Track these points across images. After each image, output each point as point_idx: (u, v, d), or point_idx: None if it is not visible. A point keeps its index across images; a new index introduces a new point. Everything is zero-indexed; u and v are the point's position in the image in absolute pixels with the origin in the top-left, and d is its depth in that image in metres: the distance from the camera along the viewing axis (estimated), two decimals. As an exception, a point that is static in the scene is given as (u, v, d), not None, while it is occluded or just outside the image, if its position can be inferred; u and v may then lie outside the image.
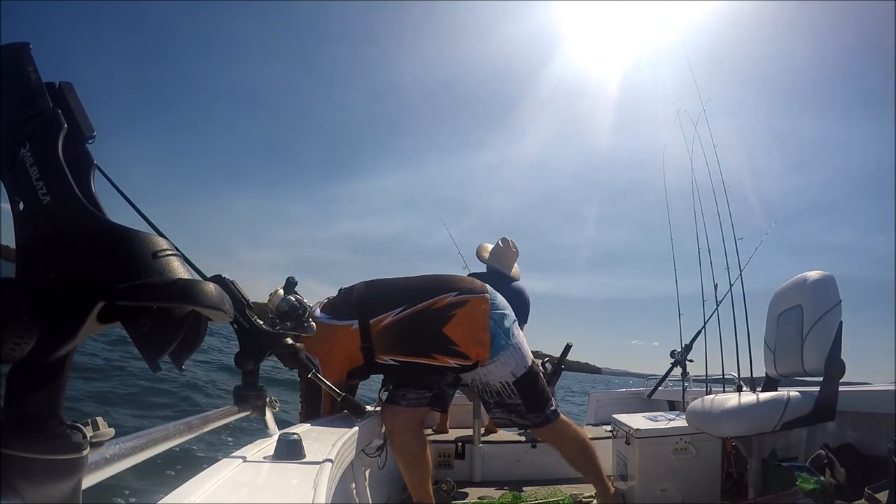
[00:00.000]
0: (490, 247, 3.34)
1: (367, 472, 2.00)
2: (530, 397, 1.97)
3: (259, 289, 1.34)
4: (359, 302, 1.95)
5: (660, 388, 3.89)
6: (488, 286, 2.03)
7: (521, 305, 3.06)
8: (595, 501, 2.44)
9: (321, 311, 1.98)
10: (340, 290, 2.08)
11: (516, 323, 2.02)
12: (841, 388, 1.97)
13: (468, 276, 3.18)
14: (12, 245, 0.41)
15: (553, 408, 2.05)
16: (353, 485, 1.78)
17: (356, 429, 1.64)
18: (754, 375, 2.41)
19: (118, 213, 0.44)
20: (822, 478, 1.99)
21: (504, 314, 1.97)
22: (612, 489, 2.17)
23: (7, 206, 0.42)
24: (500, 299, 2.01)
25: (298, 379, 1.92)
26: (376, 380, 2.25)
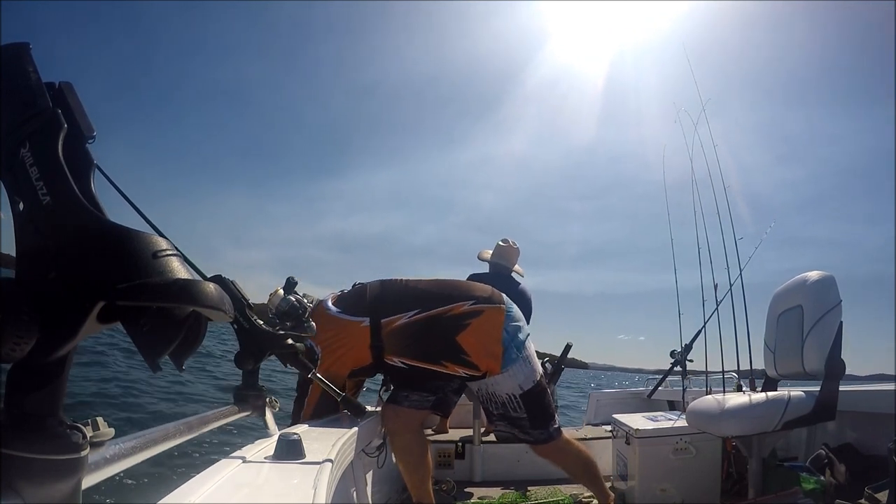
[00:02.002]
0: (489, 251, 3.35)
1: (367, 472, 2.00)
2: (535, 412, 1.95)
3: (246, 289, 1.34)
4: (372, 300, 1.92)
5: (660, 388, 3.89)
6: (505, 296, 2.00)
7: (525, 306, 3.07)
8: (595, 502, 2.45)
9: (333, 303, 1.95)
10: (355, 284, 2.05)
11: (530, 336, 2.00)
12: (840, 388, 1.98)
13: (469, 276, 3.17)
14: (12, 248, 0.41)
15: (556, 425, 2.02)
16: (353, 485, 1.78)
17: (356, 429, 1.64)
18: (754, 370, 2.41)
19: (118, 213, 0.44)
20: (822, 478, 1.99)
21: (519, 327, 1.94)
22: (612, 497, 2.15)
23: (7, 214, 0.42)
24: (516, 311, 1.98)
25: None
26: (376, 379, 2.24)
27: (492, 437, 3.16)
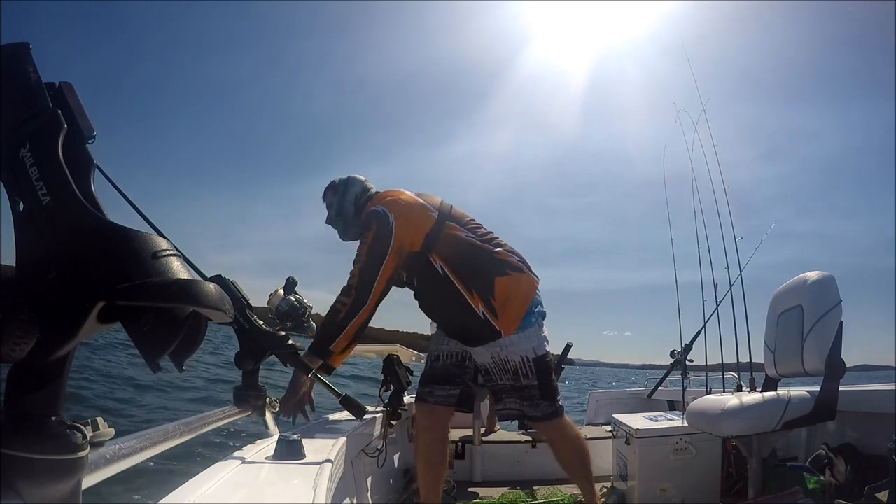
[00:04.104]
0: None
1: (367, 473, 2.00)
2: (545, 382, 1.97)
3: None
4: (442, 207, 2.02)
5: (660, 388, 3.89)
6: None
7: None
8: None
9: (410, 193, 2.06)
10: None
11: (545, 319, 2.06)
12: (840, 388, 1.98)
13: None
14: (12, 248, 0.41)
15: (561, 403, 2.05)
16: (353, 485, 1.78)
17: (356, 429, 1.65)
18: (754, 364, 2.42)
19: (118, 213, 0.44)
20: (822, 478, 1.99)
21: (540, 304, 2.02)
22: (598, 496, 2.15)
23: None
24: (540, 297, 2.07)
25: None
26: (376, 378, 2.25)
27: (492, 437, 3.17)
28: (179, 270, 0.40)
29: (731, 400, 1.98)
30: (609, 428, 2.80)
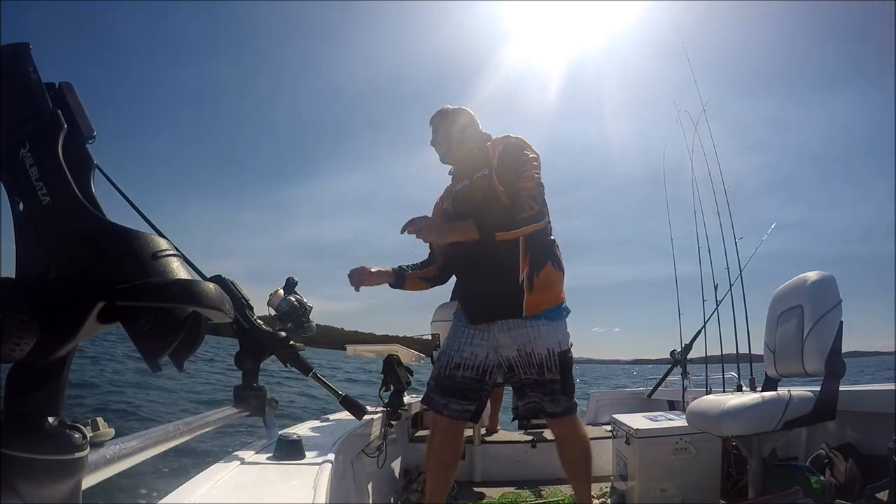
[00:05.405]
0: None
1: (367, 472, 2.00)
2: (567, 378, 1.98)
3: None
4: None
5: (660, 388, 3.89)
6: None
7: None
8: (596, 502, 2.44)
9: None
10: None
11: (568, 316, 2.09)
12: (840, 388, 1.98)
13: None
14: (12, 249, 0.41)
15: (575, 401, 2.06)
16: (353, 485, 1.78)
17: (356, 429, 1.65)
18: (753, 362, 2.42)
19: (118, 213, 0.44)
20: (823, 478, 1.99)
21: (567, 305, 2.05)
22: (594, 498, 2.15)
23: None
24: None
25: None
26: (376, 377, 2.25)
27: (492, 437, 3.17)
28: (179, 270, 0.40)
29: (731, 400, 1.98)
30: (609, 428, 2.80)
